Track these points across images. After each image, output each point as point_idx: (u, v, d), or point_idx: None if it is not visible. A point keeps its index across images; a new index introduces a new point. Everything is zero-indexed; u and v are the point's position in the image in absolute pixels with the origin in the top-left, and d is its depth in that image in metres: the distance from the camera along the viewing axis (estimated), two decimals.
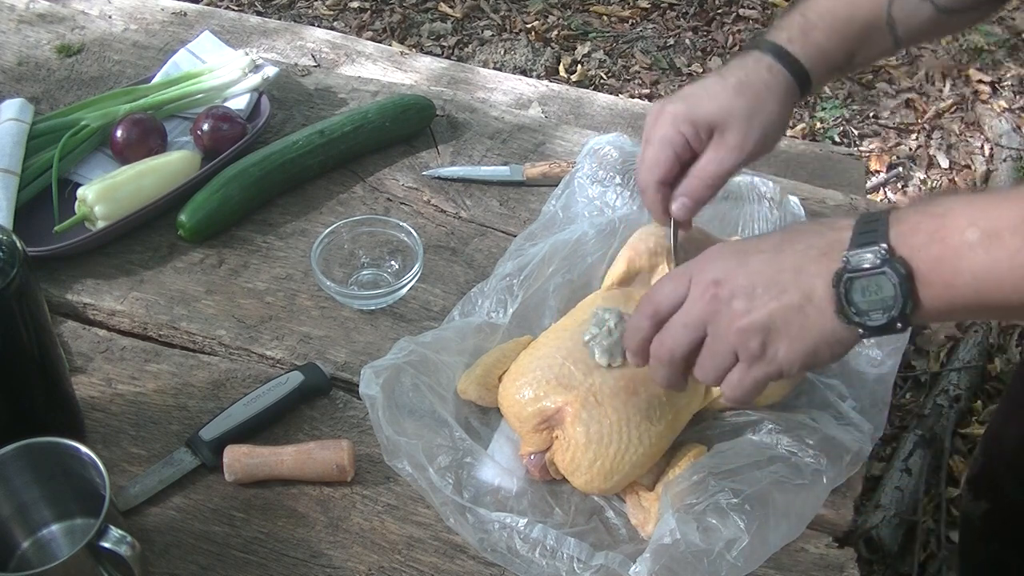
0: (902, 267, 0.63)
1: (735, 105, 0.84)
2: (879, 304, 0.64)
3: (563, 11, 2.94)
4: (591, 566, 0.79)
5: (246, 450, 0.88)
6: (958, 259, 0.61)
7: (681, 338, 0.72)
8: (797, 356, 0.68)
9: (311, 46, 1.46)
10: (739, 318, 0.68)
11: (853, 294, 0.65)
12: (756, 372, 0.70)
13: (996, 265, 0.60)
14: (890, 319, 0.64)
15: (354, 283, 1.07)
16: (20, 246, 0.77)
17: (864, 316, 0.65)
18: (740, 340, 0.69)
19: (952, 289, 0.62)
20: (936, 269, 0.62)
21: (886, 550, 1.60)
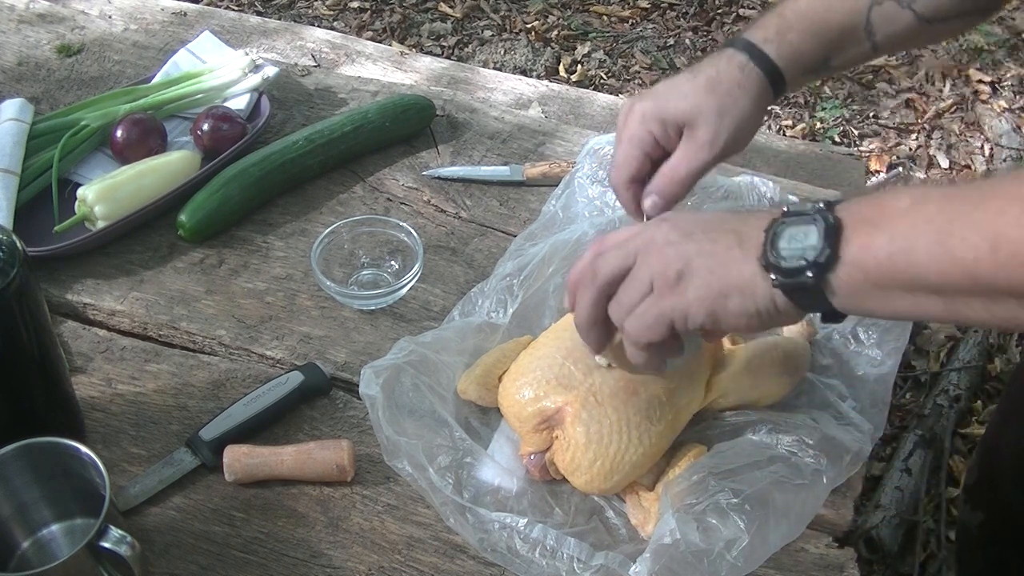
0: (832, 219, 0.62)
1: (705, 103, 0.83)
2: (799, 251, 0.63)
3: (563, 11, 2.94)
4: (591, 566, 0.79)
5: (246, 450, 0.88)
6: (883, 219, 0.61)
7: (610, 261, 0.72)
8: (707, 295, 0.67)
9: (311, 46, 1.46)
10: (669, 244, 0.69)
11: (780, 240, 0.65)
12: (663, 305, 0.69)
13: (914, 228, 0.59)
14: (803, 264, 0.63)
15: (354, 283, 1.07)
16: (20, 246, 0.77)
17: (780, 259, 0.64)
18: (660, 265, 0.69)
19: (867, 250, 0.61)
20: (861, 226, 0.62)
21: (886, 550, 1.60)
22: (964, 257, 0.56)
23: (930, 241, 0.58)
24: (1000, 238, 0.55)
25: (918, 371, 1.98)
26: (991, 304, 0.57)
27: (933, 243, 0.58)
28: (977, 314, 0.59)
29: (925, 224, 0.59)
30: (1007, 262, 0.55)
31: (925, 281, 0.59)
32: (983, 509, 1.17)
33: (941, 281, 0.58)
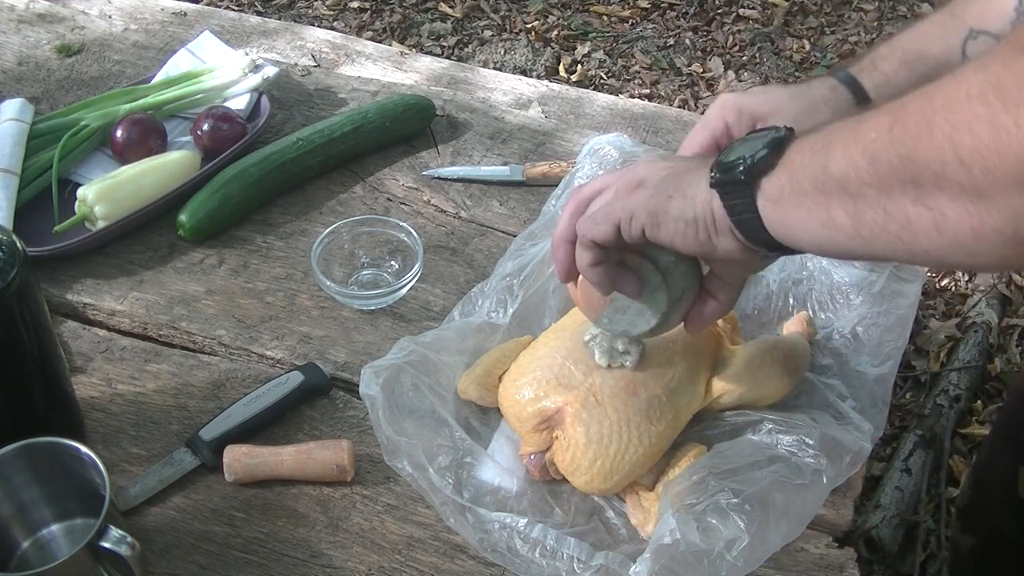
0: (785, 131, 0.65)
1: (786, 105, 0.85)
2: (741, 155, 0.65)
3: (563, 11, 2.94)
4: (591, 566, 0.79)
5: (246, 450, 0.88)
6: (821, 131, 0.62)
7: (595, 182, 0.77)
8: (653, 196, 0.70)
9: (311, 46, 1.46)
10: (639, 165, 0.74)
11: (731, 150, 0.67)
12: (614, 204, 0.72)
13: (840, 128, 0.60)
14: (739, 160, 0.65)
15: (354, 283, 1.07)
16: (20, 246, 0.77)
17: (724, 157, 0.66)
18: (627, 176, 0.73)
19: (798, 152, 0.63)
20: (802, 142, 0.64)
21: (886, 550, 1.60)
22: (867, 138, 0.57)
23: (845, 132, 0.59)
24: (899, 111, 0.56)
25: (918, 371, 1.98)
26: (886, 199, 0.57)
27: (847, 133, 0.59)
28: (876, 217, 0.58)
29: (847, 123, 0.60)
30: (899, 134, 0.55)
31: (833, 172, 0.59)
32: (974, 533, 1.16)
33: (846, 168, 0.58)
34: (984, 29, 0.85)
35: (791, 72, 2.76)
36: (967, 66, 0.53)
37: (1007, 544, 1.10)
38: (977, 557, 1.16)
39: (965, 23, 0.86)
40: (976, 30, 0.85)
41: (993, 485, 1.12)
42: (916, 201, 0.55)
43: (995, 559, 1.14)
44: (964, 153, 0.51)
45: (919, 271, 1.03)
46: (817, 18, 2.96)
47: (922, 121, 0.53)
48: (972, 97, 0.50)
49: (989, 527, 1.13)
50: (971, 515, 1.18)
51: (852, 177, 0.58)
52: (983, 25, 0.85)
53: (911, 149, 0.54)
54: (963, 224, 0.53)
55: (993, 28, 0.84)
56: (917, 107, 0.54)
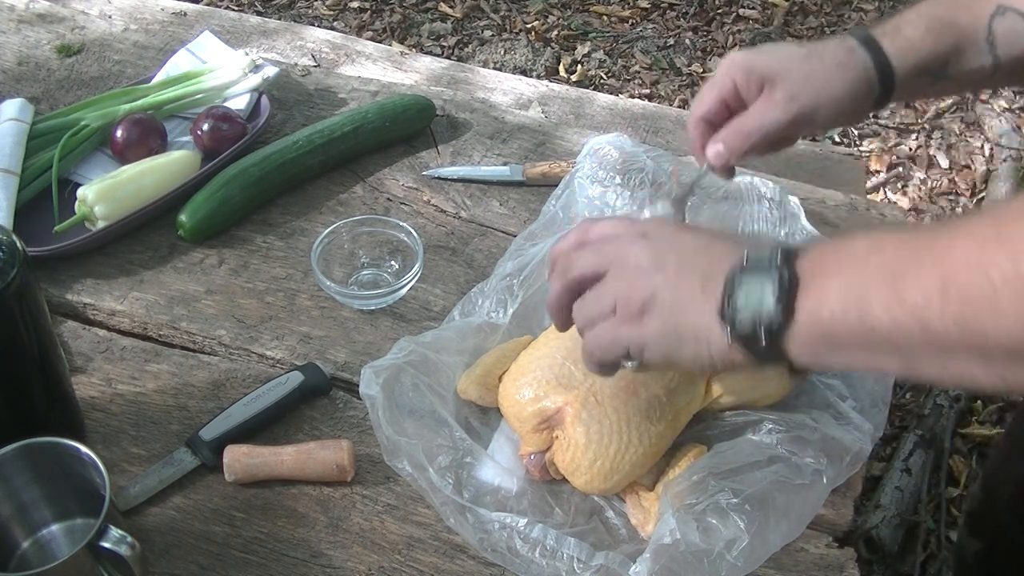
0: (788, 274, 0.60)
1: (796, 66, 0.81)
2: (755, 309, 0.61)
3: (563, 11, 2.94)
4: (591, 566, 0.79)
5: (246, 450, 0.88)
6: (837, 268, 0.59)
7: (585, 261, 0.72)
8: (664, 336, 0.67)
9: (311, 46, 1.46)
10: (640, 272, 0.68)
11: (738, 293, 0.63)
12: (622, 332, 0.69)
13: (867, 272, 0.57)
14: (755, 325, 0.61)
15: (354, 283, 1.07)
16: (20, 246, 0.77)
17: (736, 315, 0.62)
18: (627, 291, 0.68)
19: (822, 302, 0.59)
20: (815, 280, 0.60)
21: (886, 550, 1.60)
22: (914, 302, 0.54)
23: (882, 287, 0.56)
24: (949, 278, 0.52)
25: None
26: (946, 358, 0.54)
27: (885, 289, 0.55)
28: (933, 370, 0.56)
29: (879, 269, 0.56)
30: (957, 308, 0.52)
31: (879, 333, 0.56)
32: (980, 538, 1.16)
33: (894, 330, 0.55)
34: (1013, 7, 0.82)
35: None
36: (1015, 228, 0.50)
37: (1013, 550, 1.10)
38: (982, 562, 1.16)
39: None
40: (1004, 6, 0.83)
41: (1003, 491, 1.12)
42: (984, 365, 0.52)
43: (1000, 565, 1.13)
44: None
45: None
46: (817, 18, 2.96)
47: (983, 298, 0.50)
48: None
49: (996, 533, 1.13)
50: (979, 520, 1.18)
51: (902, 339, 0.55)
52: (1011, 2, 0.82)
53: (975, 326, 0.51)
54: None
55: (1022, 6, 0.82)
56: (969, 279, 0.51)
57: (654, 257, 0.69)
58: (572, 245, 0.75)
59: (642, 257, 0.69)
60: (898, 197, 2.40)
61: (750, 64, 0.82)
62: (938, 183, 2.45)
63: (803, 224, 1.08)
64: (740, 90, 0.83)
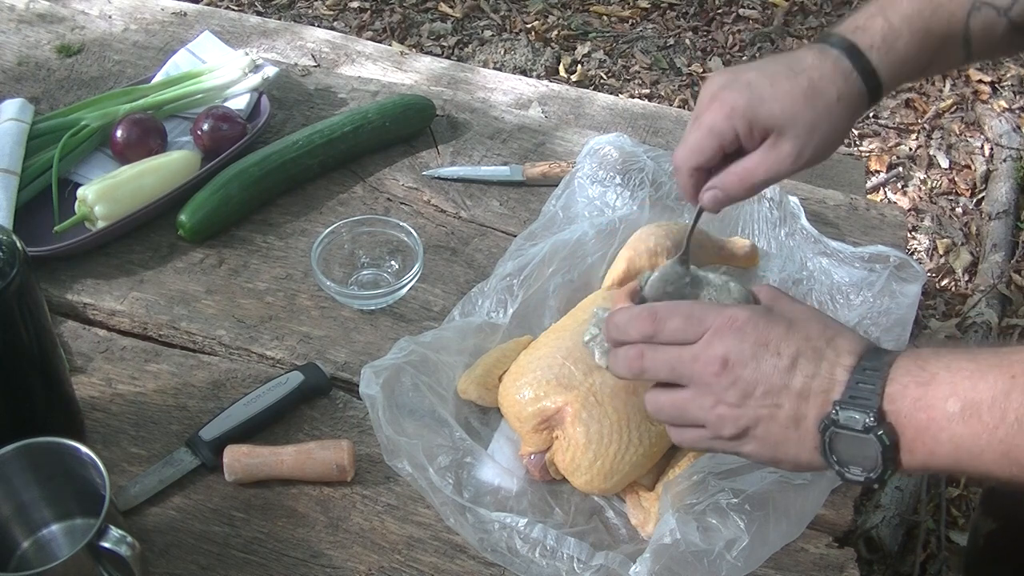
0: (887, 436, 0.63)
1: (801, 114, 0.79)
2: (860, 461, 0.64)
3: (563, 11, 2.94)
4: (591, 566, 0.79)
5: (246, 450, 0.88)
6: (939, 430, 0.62)
7: (660, 371, 0.70)
8: (761, 459, 0.69)
9: (311, 46, 1.46)
10: (726, 408, 0.67)
11: (837, 446, 0.65)
12: (717, 446, 0.70)
13: (975, 439, 0.61)
14: (867, 479, 0.65)
15: (354, 283, 1.07)
16: (20, 246, 0.77)
17: (844, 467, 0.65)
18: (717, 423, 0.68)
19: (933, 457, 0.63)
20: (919, 438, 0.63)
21: (886, 550, 1.60)
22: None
23: (994, 452, 0.60)
24: None
25: None
26: None
27: (998, 454, 0.60)
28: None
29: (986, 435, 0.60)
30: None
31: (999, 478, 0.62)
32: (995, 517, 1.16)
33: (1012, 479, 0.61)
34: (988, 1, 0.83)
35: None
36: None
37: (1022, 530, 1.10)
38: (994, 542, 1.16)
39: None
40: (980, 1, 0.83)
41: None
42: None
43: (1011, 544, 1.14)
44: None
45: (919, 271, 1.03)
46: (817, 18, 2.96)
47: None
48: None
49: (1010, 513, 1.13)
50: (993, 499, 1.18)
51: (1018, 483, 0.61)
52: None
53: None
54: None
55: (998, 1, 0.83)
56: None
57: (740, 391, 0.67)
58: (639, 336, 0.71)
59: (728, 392, 0.67)
60: (898, 197, 2.40)
61: (753, 114, 0.79)
62: (938, 183, 2.45)
63: (803, 224, 1.08)
64: (741, 138, 0.80)
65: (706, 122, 0.80)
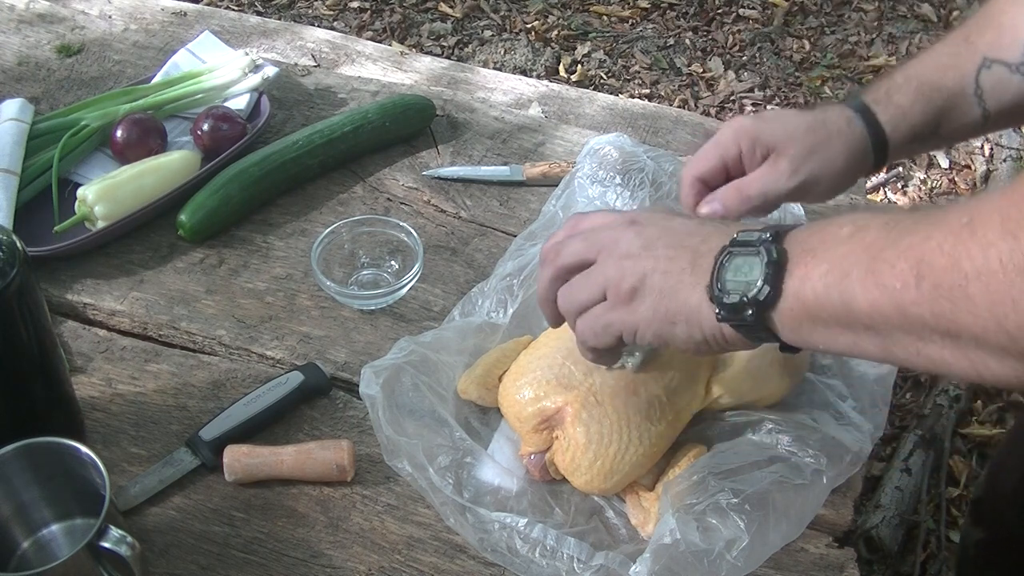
0: (775, 252, 0.62)
1: (801, 138, 0.83)
2: (743, 286, 0.63)
3: (563, 11, 2.94)
4: (591, 566, 0.79)
5: (246, 450, 0.88)
6: (823, 249, 0.60)
7: (573, 248, 0.73)
8: (655, 318, 0.68)
9: (311, 46, 1.46)
10: (629, 257, 0.69)
11: (727, 271, 0.64)
12: (612, 316, 0.70)
13: (849, 254, 0.58)
14: (744, 300, 0.63)
15: (354, 283, 1.07)
16: (20, 246, 0.77)
17: (725, 293, 0.64)
18: (617, 276, 0.69)
19: (806, 281, 0.60)
20: (802, 259, 0.61)
21: (886, 550, 1.60)
22: (891, 285, 0.55)
23: (862, 269, 0.57)
24: (923, 265, 0.54)
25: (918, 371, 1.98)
26: (920, 343, 0.56)
27: (864, 270, 0.57)
28: (908, 354, 0.57)
29: (862, 251, 0.58)
30: (930, 292, 0.53)
31: (858, 313, 0.58)
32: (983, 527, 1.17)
33: (872, 311, 0.57)
34: (998, 58, 0.83)
35: (791, 72, 2.76)
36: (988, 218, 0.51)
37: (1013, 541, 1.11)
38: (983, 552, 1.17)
39: (978, 51, 0.84)
40: (990, 59, 0.84)
41: (1006, 483, 1.13)
42: (955, 351, 0.54)
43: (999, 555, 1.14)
44: (1010, 327, 0.50)
45: None
46: (817, 18, 2.96)
47: (956, 287, 0.51)
48: (1007, 269, 0.49)
49: (997, 523, 1.14)
50: (982, 509, 1.19)
51: (879, 320, 0.57)
52: (997, 54, 0.83)
53: (948, 313, 0.52)
54: (1007, 375, 0.53)
55: (1007, 57, 0.83)
56: (943, 268, 0.52)
57: (644, 241, 0.69)
58: (562, 237, 0.76)
59: (632, 242, 0.70)
60: (898, 197, 2.40)
61: (757, 132, 0.83)
62: (938, 183, 2.45)
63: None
64: (744, 156, 0.84)
65: (715, 139, 0.85)
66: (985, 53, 0.84)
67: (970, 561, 1.22)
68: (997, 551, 1.15)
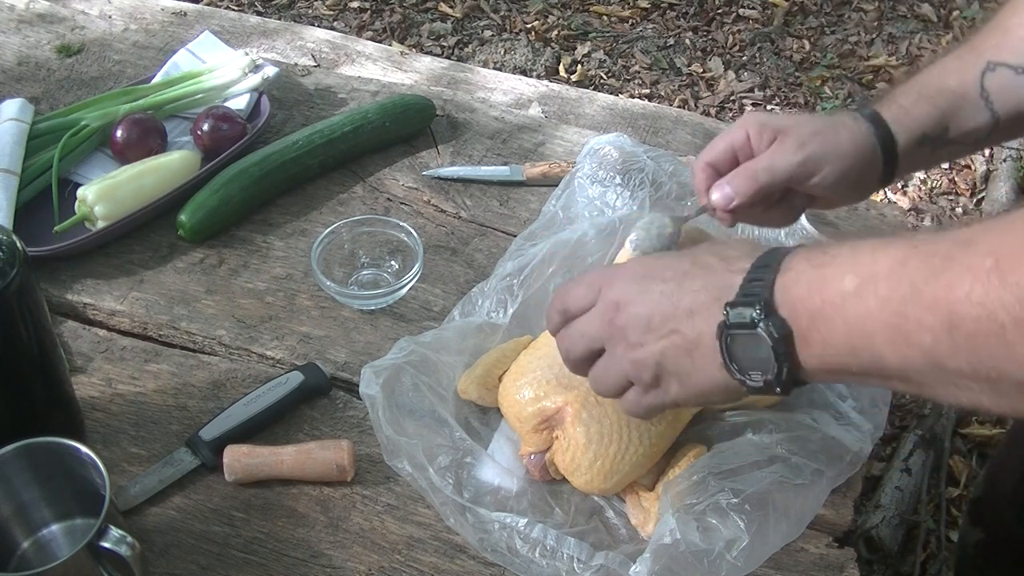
0: (776, 329, 0.61)
1: (807, 122, 0.85)
2: (758, 364, 0.63)
3: (563, 11, 2.94)
4: (591, 566, 0.79)
5: (246, 450, 0.88)
6: (834, 312, 0.59)
7: (578, 344, 0.73)
8: (689, 394, 0.69)
9: (311, 46, 1.46)
10: (632, 350, 0.69)
11: (735, 350, 0.64)
12: (652, 399, 0.71)
13: (868, 318, 0.57)
14: (767, 382, 0.63)
15: (354, 283, 1.07)
16: (20, 246, 0.77)
17: (745, 374, 0.64)
18: (634, 370, 0.69)
19: (828, 346, 0.60)
20: (813, 326, 0.60)
21: (886, 550, 1.60)
22: (922, 342, 0.54)
23: (887, 329, 0.56)
24: (955, 317, 0.52)
25: None
26: (956, 390, 0.55)
27: (891, 331, 0.56)
28: (947, 397, 0.57)
29: (878, 310, 0.57)
30: (965, 343, 0.52)
31: (890, 369, 0.57)
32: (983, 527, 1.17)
33: (904, 367, 0.56)
34: (1002, 61, 0.83)
35: (791, 72, 2.76)
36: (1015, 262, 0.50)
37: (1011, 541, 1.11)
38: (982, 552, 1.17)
39: (983, 55, 0.84)
40: (994, 62, 0.84)
41: (1004, 483, 1.13)
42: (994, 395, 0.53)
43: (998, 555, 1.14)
44: None
45: None
46: (817, 18, 2.96)
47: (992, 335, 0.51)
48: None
49: (995, 523, 1.14)
50: (980, 510, 1.19)
51: (913, 373, 0.57)
52: (1001, 57, 0.84)
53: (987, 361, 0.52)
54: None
55: (1011, 60, 0.83)
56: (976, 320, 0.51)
57: (638, 328, 0.69)
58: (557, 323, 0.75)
59: (630, 333, 0.69)
60: (898, 197, 2.40)
61: (763, 119, 0.85)
62: (938, 183, 2.45)
63: (803, 224, 1.08)
64: (752, 141, 0.85)
65: (725, 130, 0.87)
66: (989, 57, 0.84)
67: (969, 561, 1.22)
68: (996, 551, 1.15)
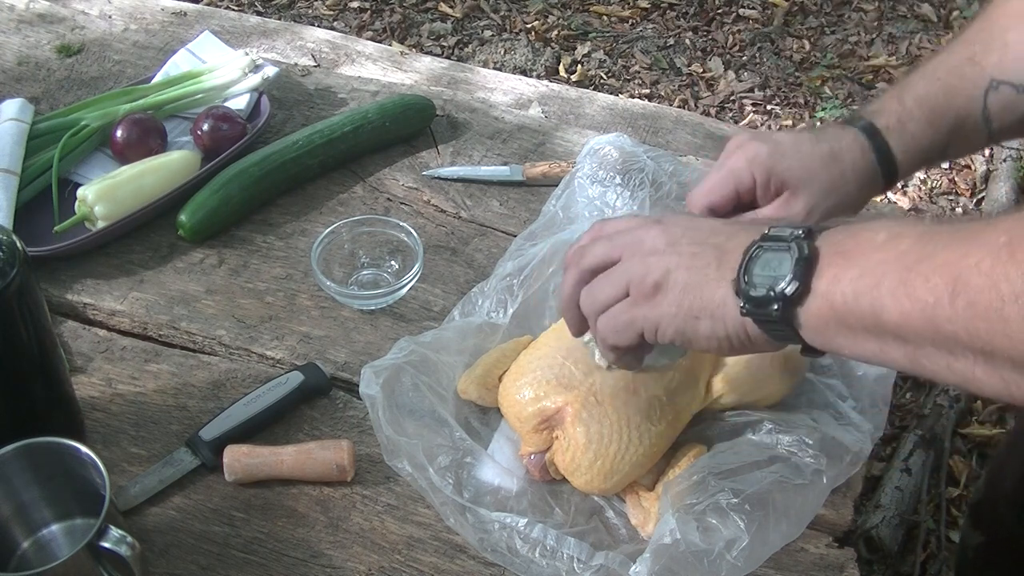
0: (807, 249, 0.61)
1: (818, 175, 0.82)
2: (770, 280, 0.62)
3: (563, 11, 2.94)
4: (591, 566, 0.79)
5: (246, 450, 0.88)
6: (856, 252, 0.59)
7: (598, 250, 0.73)
8: (678, 313, 0.67)
9: (311, 46, 1.46)
10: (653, 253, 0.69)
11: (755, 265, 0.63)
12: (635, 313, 0.69)
13: (883, 261, 0.57)
14: (771, 295, 0.62)
15: (354, 283, 1.07)
16: (20, 246, 0.77)
17: (751, 286, 0.63)
18: (640, 272, 0.69)
19: (836, 282, 0.59)
20: (835, 259, 0.60)
21: (886, 550, 1.60)
22: (924, 299, 0.54)
23: (895, 279, 0.56)
24: (960, 283, 0.53)
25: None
26: (951, 357, 0.55)
27: (897, 281, 0.56)
28: (938, 367, 0.56)
29: (895, 260, 0.57)
30: (964, 311, 0.52)
31: (888, 323, 0.57)
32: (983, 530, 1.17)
33: (902, 323, 0.56)
34: (1006, 79, 0.83)
35: (791, 72, 2.76)
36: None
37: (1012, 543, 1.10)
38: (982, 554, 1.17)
39: (985, 72, 0.83)
40: (997, 80, 0.83)
41: (1004, 486, 1.13)
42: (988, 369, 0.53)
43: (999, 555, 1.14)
44: None
45: None
46: (817, 18, 2.96)
47: (992, 307, 0.51)
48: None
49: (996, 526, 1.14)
50: (981, 512, 1.19)
51: (909, 332, 0.56)
52: (1004, 75, 0.83)
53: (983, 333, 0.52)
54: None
55: (1015, 79, 0.83)
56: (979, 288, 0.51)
57: (669, 239, 0.69)
58: (586, 241, 0.75)
59: (657, 240, 0.70)
60: (898, 197, 2.40)
61: (772, 164, 0.82)
62: (938, 183, 2.45)
63: None
64: (758, 187, 0.83)
65: (727, 165, 0.83)
66: (992, 75, 0.83)
67: (969, 563, 1.22)
68: (996, 552, 1.15)
